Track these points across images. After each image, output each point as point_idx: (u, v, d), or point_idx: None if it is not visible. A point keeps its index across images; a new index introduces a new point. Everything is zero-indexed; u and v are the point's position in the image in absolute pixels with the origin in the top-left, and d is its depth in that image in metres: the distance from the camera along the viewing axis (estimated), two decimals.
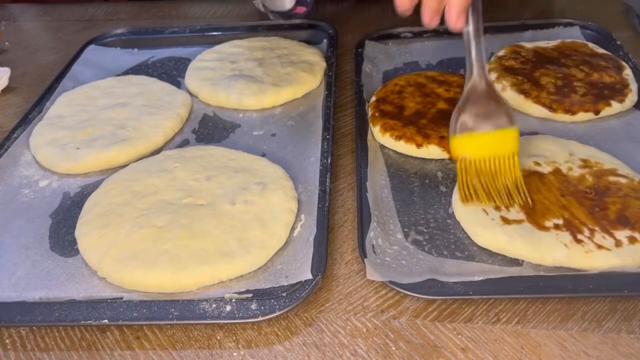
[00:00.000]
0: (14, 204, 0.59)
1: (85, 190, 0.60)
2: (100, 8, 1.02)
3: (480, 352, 0.43)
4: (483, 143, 0.53)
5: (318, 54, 0.79)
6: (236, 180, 0.57)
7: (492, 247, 0.49)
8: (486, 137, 0.52)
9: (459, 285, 0.46)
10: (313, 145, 0.63)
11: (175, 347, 0.45)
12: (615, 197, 0.51)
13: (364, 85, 0.71)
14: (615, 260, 0.46)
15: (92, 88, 0.75)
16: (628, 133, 0.62)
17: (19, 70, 0.84)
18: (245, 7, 0.98)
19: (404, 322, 0.45)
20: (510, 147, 0.52)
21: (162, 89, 0.74)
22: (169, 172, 0.59)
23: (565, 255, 0.47)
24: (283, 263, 0.50)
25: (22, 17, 1.03)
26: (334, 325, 0.46)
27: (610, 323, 0.44)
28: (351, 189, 0.59)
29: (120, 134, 0.65)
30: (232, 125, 0.69)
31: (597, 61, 0.70)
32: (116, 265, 0.49)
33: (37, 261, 0.52)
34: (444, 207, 0.55)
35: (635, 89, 0.66)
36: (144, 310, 0.46)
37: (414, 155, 0.61)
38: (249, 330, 0.46)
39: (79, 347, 0.46)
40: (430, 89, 0.67)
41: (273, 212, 0.53)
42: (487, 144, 0.52)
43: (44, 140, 0.65)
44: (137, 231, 0.52)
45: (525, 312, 0.45)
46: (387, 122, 0.62)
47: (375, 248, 0.50)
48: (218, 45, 0.82)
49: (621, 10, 0.88)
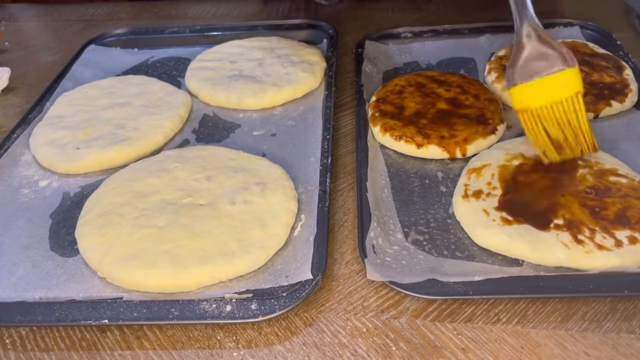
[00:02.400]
0: (14, 204, 0.59)
1: (85, 190, 0.60)
2: (100, 8, 1.02)
3: (481, 352, 0.43)
4: (544, 89, 0.50)
5: (318, 54, 0.79)
6: (236, 180, 0.57)
7: (492, 247, 0.49)
8: (546, 82, 0.50)
9: (459, 285, 0.46)
10: (313, 145, 0.63)
11: (175, 347, 0.45)
12: (615, 197, 0.51)
13: (364, 85, 0.71)
14: (616, 261, 0.46)
15: (92, 88, 0.75)
16: (628, 133, 0.62)
17: (19, 70, 0.84)
18: (245, 7, 0.98)
19: (404, 322, 0.45)
20: (573, 87, 0.50)
21: (162, 89, 0.74)
22: (169, 172, 0.59)
23: (566, 256, 0.47)
24: (283, 263, 0.50)
25: (22, 17, 1.03)
26: (334, 325, 0.46)
27: (611, 323, 0.44)
28: (351, 189, 0.59)
29: (120, 134, 0.65)
30: (232, 125, 0.69)
31: (597, 61, 0.70)
32: (116, 265, 0.49)
33: (37, 261, 0.52)
34: (444, 207, 0.55)
35: (635, 89, 0.66)
36: (144, 310, 0.46)
37: (414, 155, 0.61)
38: (249, 330, 0.46)
39: (79, 347, 0.46)
40: (430, 89, 0.67)
41: (273, 212, 0.53)
42: (548, 89, 0.50)
43: (44, 140, 0.65)
44: (137, 231, 0.52)
45: (526, 312, 0.45)
46: (387, 122, 0.62)
47: (376, 248, 0.50)
48: (218, 45, 0.82)
49: (621, 10, 0.88)
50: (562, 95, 0.50)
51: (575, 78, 0.50)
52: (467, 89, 0.67)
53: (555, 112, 0.50)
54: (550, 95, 0.50)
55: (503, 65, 0.70)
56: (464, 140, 0.60)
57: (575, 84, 0.50)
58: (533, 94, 0.51)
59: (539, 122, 0.50)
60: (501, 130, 0.62)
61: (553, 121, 0.50)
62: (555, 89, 0.50)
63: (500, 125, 0.62)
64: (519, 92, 0.51)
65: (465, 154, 0.60)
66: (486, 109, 0.63)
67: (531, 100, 0.51)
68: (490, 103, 0.64)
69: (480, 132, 0.60)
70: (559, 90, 0.50)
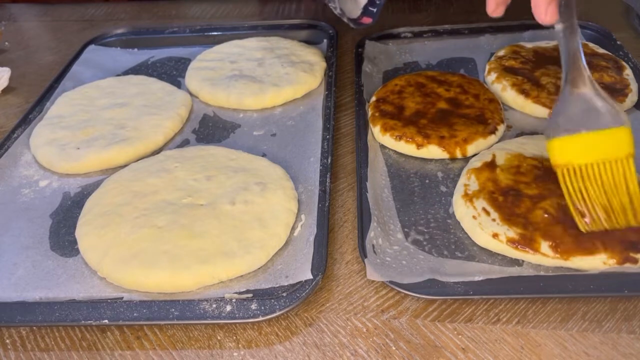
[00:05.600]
0: (14, 204, 0.59)
1: (85, 190, 0.60)
2: (100, 8, 1.02)
3: (481, 352, 0.43)
4: (589, 145, 0.45)
5: (318, 54, 0.79)
6: (236, 180, 0.57)
7: (492, 247, 0.49)
8: (592, 137, 0.45)
9: (459, 285, 0.46)
10: (313, 145, 0.63)
11: (175, 347, 0.45)
12: None
13: (364, 85, 0.71)
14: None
15: (92, 88, 0.75)
16: None
17: (19, 70, 0.84)
18: (245, 7, 0.98)
19: (404, 322, 0.45)
20: (624, 148, 0.44)
21: (162, 89, 0.74)
22: (169, 172, 0.59)
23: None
24: (283, 263, 0.50)
25: (22, 17, 1.03)
26: (334, 325, 0.46)
27: (611, 323, 0.44)
28: (351, 189, 0.59)
29: (120, 134, 0.65)
30: (232, 125, 0.69)
31: (597, 61, 0.70)
32: (116, 265, 0.49)
33: (37, 261, 0.52)
34: (444, 207, 0.55)
35: (635, 89, 0.66)
36: (144, 310, 0.46)
37: (414, 155, 0.61)
38: (249, 330, 0.46)
39: (79, 347, 0.46)
40: (430, 88, 0.67)
41: (273, 212, 0.53)
42: (594, 145, 0.44)
43: (44, 140, 0.65)
44: (137, 231, 0.52)
45: (526, 312, 0.45)
46: (387, 122, 0.63)
47: (376, 248, 0.50)
48: (218, 45, 0.82)
49: (621, 10, 0.88)
50: (611, 154, 0.44)
51: (628, 138, 0.44)
52: (467, 89, 0.67)
53: (602, 173, 0.44)
54: (598, 153, 0.44)
55: (503, 65, 0.71)
56: (464, 140, 0.60)
57: (627, 145, 0.44)
58: (578, 149, 0.45)
59: (580, 181, 0.45)
60: (501, 130, 0.62)
61: (598, 182, 0.44)
62: (604, 147, 0.44)
63: (500, 125, 0.62)
64: (561, 145, 0.46)
65: (465, 154, 0.60)
66: (486, 109, 0.63)
67: (574, 156, 0.45)
68: (490, 103, 0.64)
69: (480, 132, 0.60)
70: (608, 149, 0.44)
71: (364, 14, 0.69)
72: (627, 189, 0.44)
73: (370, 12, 0.69)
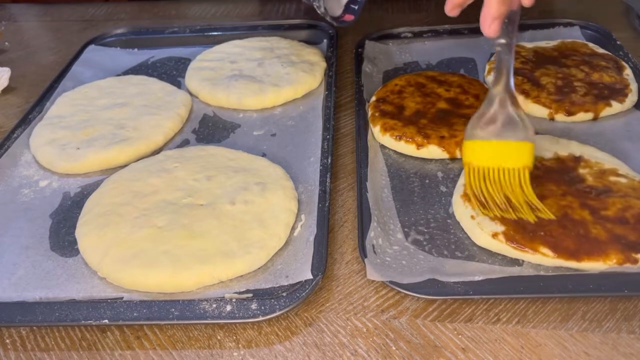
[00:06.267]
0: (14, 204, 0.59)
1: (85, 190, 0.60)
2: (100, 8, 1.02)
3: (481, 352, 0.43)
4: (493, 152, 0.52)
5: (318, 54, 0.79)
6: (236, 180, 0.57)
7: (492, 247, 0.49)
8: (496, 146, 0.52)
9: (459, 285, 0.46)
10: (313, 145, 0.63)
11: (175, 347, 0.45)
12: (615, 197, 0.51)
13: (364, 85, 0.71)
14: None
15: (92, 88, 0.75)
16: (628, 133, 0.62)
17: (19, 70, 0.84)
18: (245, 7, 0.98)
19: (404, 322, 0.45)
20: (522, 161, 0.51)
21: (162, 89, 0.74)
22: (169, 172, 0.59)
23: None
24: (283, 263, 0.50)
25: (22, 17, 1.03)
26: (334, 325, 0.46)
27: (611, 323, 0.44)
28: (351, 189, 0.59)
29: (120, 134, 0.65)
30: (232, 125, 0.69)
31: (597, 61, 0.70)
32: (116, 265, 0.49)
33: (37, 261, 0.52)
34: (444, 207, 0.55)
35: (635, 89, 0.66)
36: (144, 310, 0.46)
37: (414, 155, 0.61)
38: (249, 330, 0.46)
39: (79, 347, 0.46)
40: (430, 88, 0.67)
41: (273, 212, 0.53)
42: (497, 153, 0.52)
43: (44, 140, 0.65)
44: (137, 231, 0.52)
45: (526, 312, 0.45)
46: (387, 122, 0.63)
47: (376, 248, 0.50)
48: (218, 45, 0.82)
49: (621, 10, 0.88)
50: (510, 164, 0.51)
51: (529, 153, 0.51)
52: (467, 89, 0.67)
53: (500, 177, 0.51)
54: (500, 160, 0.51)
55: None
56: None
57: (527, 159, 0.51)
58: (485, 153, 0.52)
59: (482, 180, 0.51)
60: None
61: (496, 183, 0.51)
62: (505, 156, 0.52)
63: None
64: (472, 146, 0.53)
65: None
66: None
67: (479, 159, 0.52)
68: None
69: None
70: (509, 158, 0.51)
71: (345, 11, 0.70)
72: (522, 192, 0.50)
73: (351, 9, 0.70)
